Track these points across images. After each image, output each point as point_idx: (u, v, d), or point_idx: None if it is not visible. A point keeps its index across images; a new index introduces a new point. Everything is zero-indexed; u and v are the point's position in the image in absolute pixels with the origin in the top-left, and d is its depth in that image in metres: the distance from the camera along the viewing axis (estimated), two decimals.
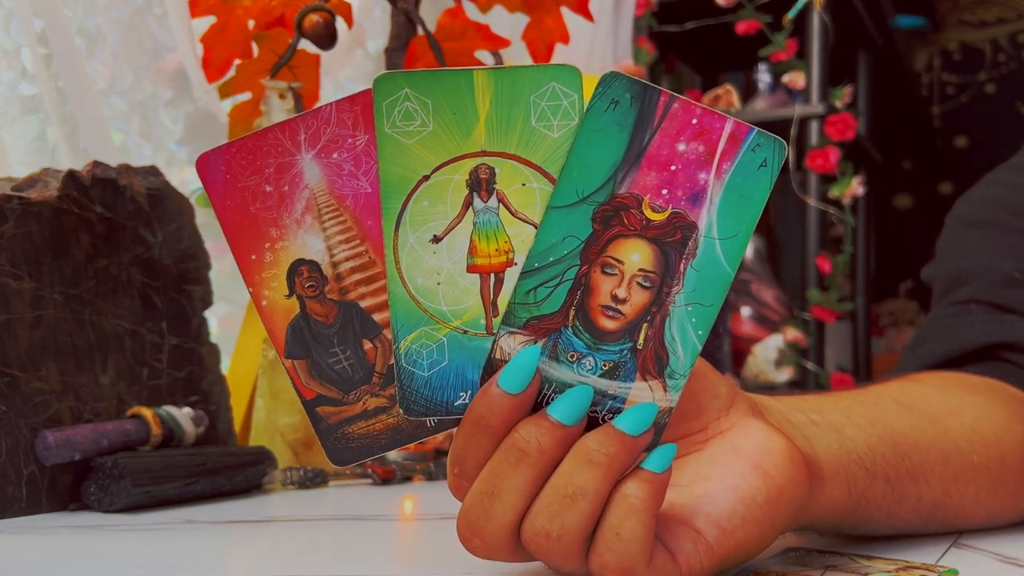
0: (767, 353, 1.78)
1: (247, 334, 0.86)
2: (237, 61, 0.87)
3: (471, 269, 0.36)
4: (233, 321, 1.12)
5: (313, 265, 0.37)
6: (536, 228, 0.36)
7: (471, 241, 0.36)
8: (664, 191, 0.35)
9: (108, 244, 0.66)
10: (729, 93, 1.90)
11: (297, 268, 0.37)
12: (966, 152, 3.05)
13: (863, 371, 2.10)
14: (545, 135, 0.36)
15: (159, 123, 1.13)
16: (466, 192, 0.36)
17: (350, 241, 0.37)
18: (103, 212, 0.66)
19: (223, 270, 1.15)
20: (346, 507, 0.64)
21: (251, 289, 0.37)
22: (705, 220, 0.35)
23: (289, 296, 0.37)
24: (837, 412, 0.46)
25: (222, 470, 0.65)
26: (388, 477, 0.75)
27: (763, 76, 1.96)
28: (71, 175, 0.64)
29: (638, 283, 0.35)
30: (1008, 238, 0.62)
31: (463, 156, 0.36)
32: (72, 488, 0.60)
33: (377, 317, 0.37)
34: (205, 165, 0.37)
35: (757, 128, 0.35)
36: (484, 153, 0.36)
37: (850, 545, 0.47)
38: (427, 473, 0.78)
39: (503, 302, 0.36)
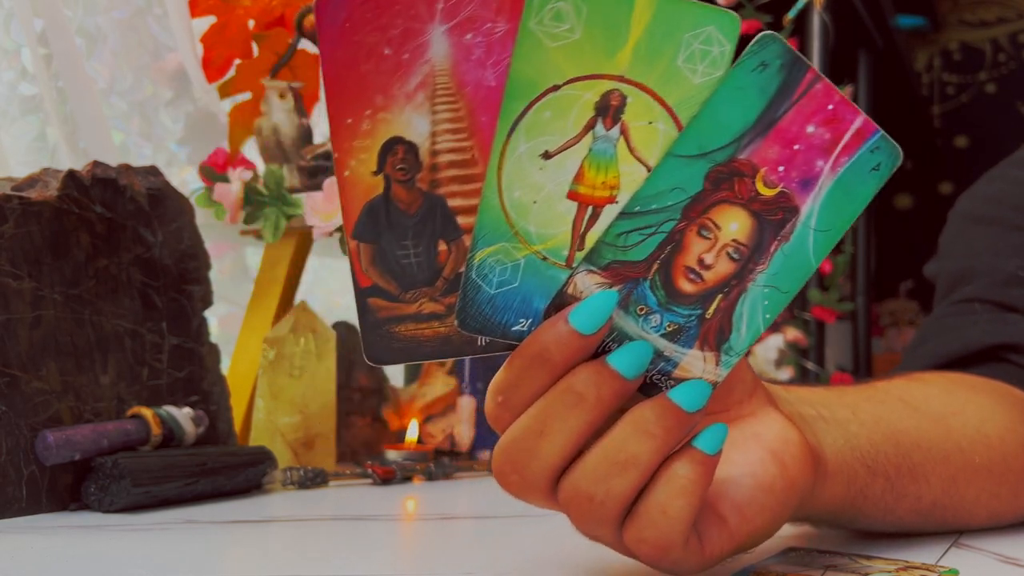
0: (767, 353, 1.78)
1: (247, 334, 0.86)
2: (237, 61, 0.87)
3: (572, 196, 0.34)
4: (233, 321, 1.12)
5: (411, 147, 0.35)
6: (649, 171, 0.34)
7: (580, 167, 0.34)
8: (780, 168, 0.34)
9: (108, 244, 0.66)
10: None
11: (393, 146, 0.35)
12: (966, 152, 3.05)
13: (863, 371, 2.10)
14: (687, 78, 0.34)
15: (159, 123, 1.13)
16: (592, 114, 0.34)
17: (458, 132, 0.35)
18: (103, 212, 0.66)
19: (223, 270, 1.15)
20: (346, 507, 0.64)
21: (336, 155, 0.34)
22: (808, 208, 0.34)
23: (376, 173, 0.35)
24: (843, 408, 0.46)
25: (222, 470, 0.65)
26: (388, 477, 0.75)
27: None
28: (71, 175, 0.64)
29: (728, 253, 0.35)
30: (1012, 235, 0.62)
31: (601, 76, 0.34)
32: (72, 488, 0.60)
33: (461, 220, 0.35)
34: (323, 9, 0.33)
35: (882, 131, 0.34)
36: (622, 79, 0.34)
37: (850, 545, 0.47)
38: (427, 473, 0.78)
39: (592, 238, 0.35)
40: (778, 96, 0.34)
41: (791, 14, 1.79)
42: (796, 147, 0.34)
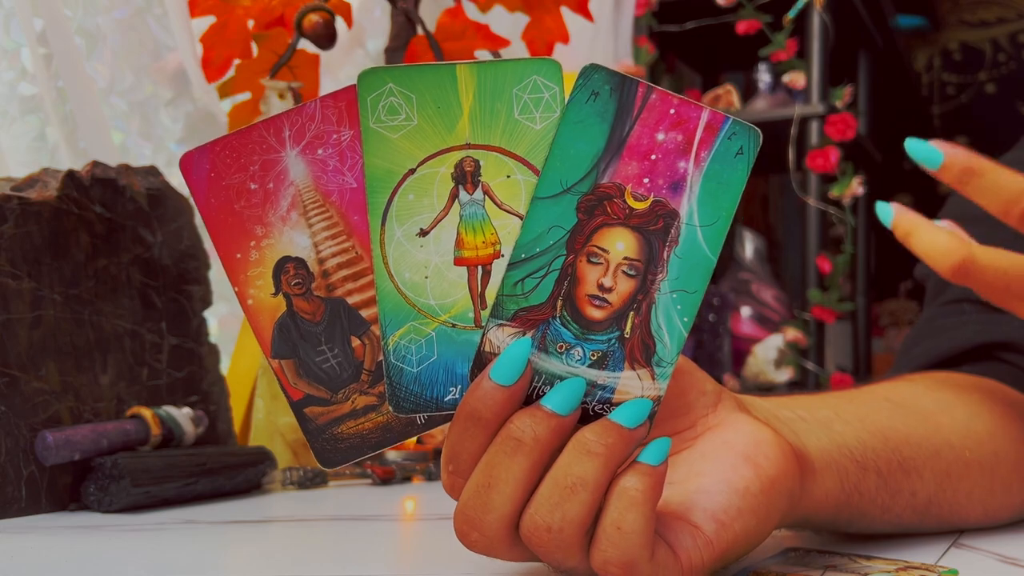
0: (767, 353, 1.78)
1: (247, 334, 0.86)
2: (237, 61, 0.87)
3: (458, 262, 0.36)
4: (233, 321, 1.12)
5: (299, 262, 0.37)
6: (522, 219, 0.36)
7: (458, 234, 0.36)
8: (645, 180, 0.35)
9: (108, 244, 0.66)
10: (729, 93, 1.90)
11: (283, 265, 0.37)
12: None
13: (863, 371, 2.10)
14: (528, 127, 0.36)
15: (159, 123, 1.13)
16: (452, 185, 0.36)
17: (336, 237, 0.37)
18: (103, 212, 0.66)
19: (223, 270, 1.15)
20: (346, 507, 0.64)
21: (236, 288, 0.37)
22: (686, 208, 0.35)
23: (275, 294, 0.37)
24: (825, 409, 0.47)
25: (222, 470, 0.65)
26: (388, 477, 0.75)
27: (763, 76, 1.96)
28: (71, 175, 0.64)
29: (623, 271, 0.35)
30: (1002, 233, 0.62)
31: (448, 149, 0.36)
32: (72, 488, 0.60)
33: (365, 313, 0.37)
34: (189, 164, 0.37)
35: (732, 117, 0.35)
36: (469, 146, 0.36)
37: (850, 545, 0.47)
38: (427, 473, 0.78)
39: (491, 295, 0.36)
40: (619, 117, 0.35)
41: (791, 14, 1.79)
42: (653, 157, 0.35)
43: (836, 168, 1.74)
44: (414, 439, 0.87)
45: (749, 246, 2.01)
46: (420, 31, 0.87)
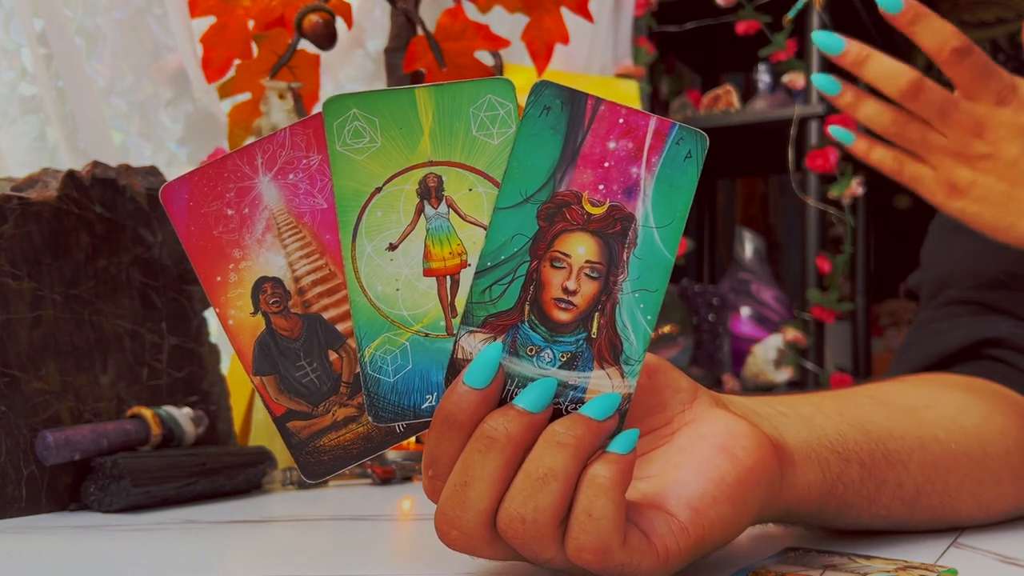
0: (767, 353, 1.78)
1: None
2: (237, 61, 0.87)
3: (427, 273, 0.38)
4: None
5: (276, 282, 0.39)
6: (486, 229, 0.37)
7: (425, 246, 0.38)
8: (601, 186, 0.37)
9: (108, 244, 0.66)
10: (729, 93, 1.90)
11: (261, 285, 0.39)
12: None
13: (863, 371, 2.10)
14: (486, 143, 0.38)
15: (159, 123, 1.14)
16: (417, 200, 0.38)
17: (310, 256, 0.39)
18: (103, 212, 0.66)
19: None
20: (346, 507, 0.64)
21: (217, 310, 0.39)
22: (641, 211, 0.37)
23: (254, 313, 0.39)
24: (806, 405, 0.47)
25: (222, 470, 0.65)
26: (388, 477, 0.75)
27: (763, 76, 1.96)
28: (71, 175, 0.64)
29: (586, 274, 0.37)
30: (992, 240, 0.62)
31: (411, 167, 0.38)
32: (72, 488, 0.60)
33: (341, 327, 0.39)
34: (169, 195, 0.38)
35: (679, 123, 0.37)
36: (431, 163, 0.38)
37: (849, 544, 0.47)
38: None
39: (461, 303, 0.38)
40: (571, 129, 0.37)
41: (791, 14, 1.79)
42: (606, 164, 0.37)
43: (836, 168, 1.74)
44: (414, 439, 0.87)
45: (749, 246, 2.01)
46: (420, 31, 0.87)
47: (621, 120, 0.37)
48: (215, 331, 0.78)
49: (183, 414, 0.66)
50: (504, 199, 0.37)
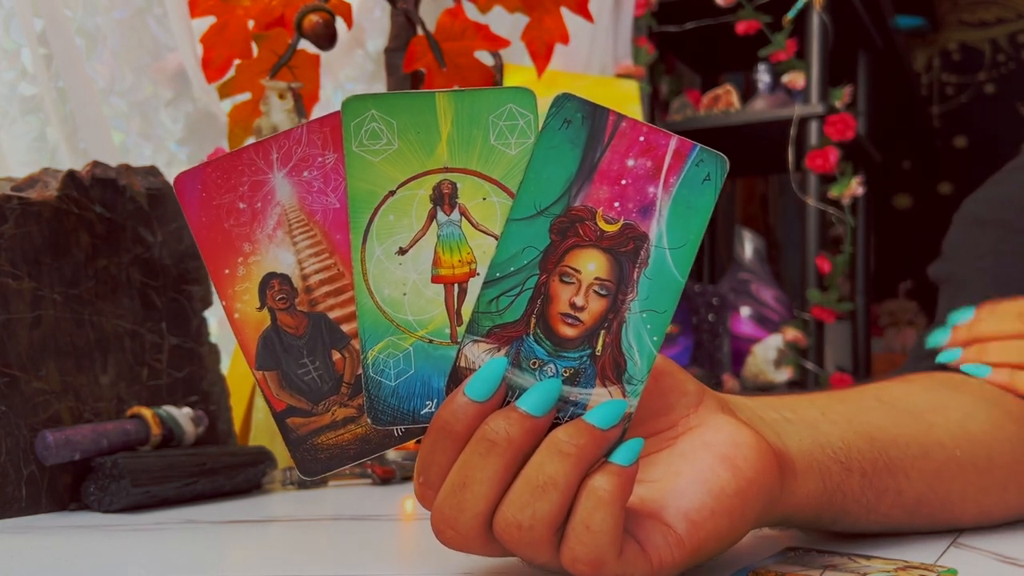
0: (767, 353, 1.78)
1: None
2: (237, 61, 0.87)
3: (435, 280, 0.38)
4: None
5: (284, 278, 0.39)
6: (497, 240, 0.37)
7: (435, 253, 0.38)
8: (616, 204, 0.37)
9: (108, 244, 0.66)
10: (729, 93, 1.90)
11: (268, 281, 0.39)
12: (965, 152, 3.05)
13: (863, 371, 2.10)
14: (503, 152, 0.37)
15: (159, 123, 1.14)
16: (430, 206, 0.38)
17: (319, 255, 0.39)
18: (103, 212, 0.66)
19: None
20: (346, 507, 0.64)
21: (224, 302, 0.39)
22: (655, 231, 0.37)
23: (260, 308, 0.39)
24: (812, 409, 0.47)
25: (222, 470, 0.65)
26: (388, 477, 0.75)
27: (763, 76, 1.96)
28: (71, 175, 0.64)
29: (595, 291, 0.37)
30: (1016, 238, 0.62)
31: (427, 172, 0.38)
32: (72, 488, 0.60)
33: (345, 328, 0.39)
34: (182, 184, 0.38)
35: (700, 145, 0.36)
36: (446, 169, 0.38)
37: (849, 545, 0.47)
38: None
39: (467, 312, 0.37)
40: (590, 144, 0.37)
41: (791, 14, 1.79)
42: (623, 182, 0.37)
43: (835, 168, 1.74)
44: (414, 441, 0.87)
45: (749, 246, 2.01)
46: (420, 31, 0.87)
47: (642, 138, 0.36)
48: (215, 331, 0.78)
49: (183, 414, 0.66)
50: (518, 211, 0.37)
